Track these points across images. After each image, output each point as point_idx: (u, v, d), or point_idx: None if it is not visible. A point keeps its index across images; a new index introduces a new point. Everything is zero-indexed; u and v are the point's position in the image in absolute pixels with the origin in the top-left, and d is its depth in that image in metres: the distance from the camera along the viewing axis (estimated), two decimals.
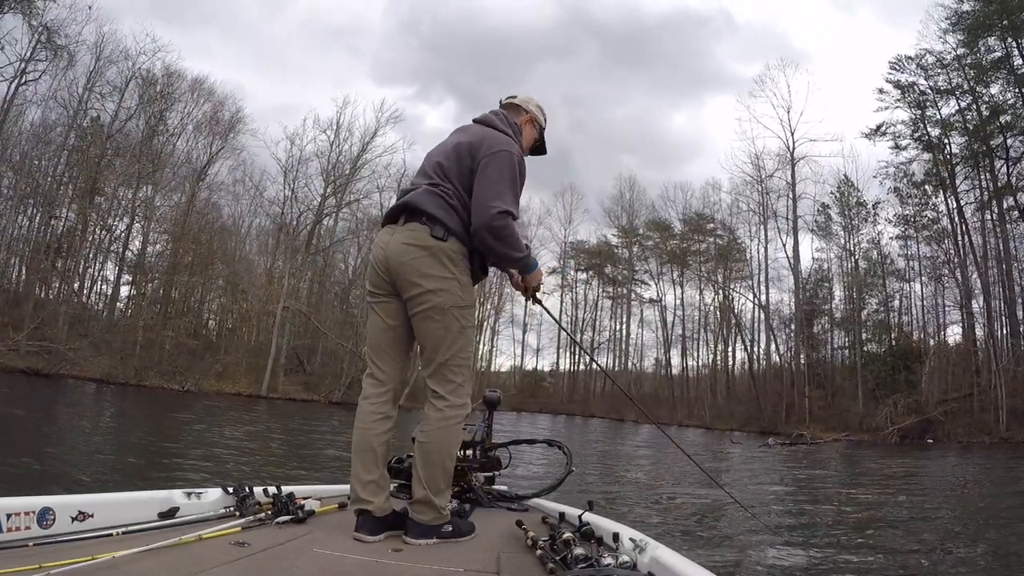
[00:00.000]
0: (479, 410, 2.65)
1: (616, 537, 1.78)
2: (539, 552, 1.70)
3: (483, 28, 59.96)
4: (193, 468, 7.07)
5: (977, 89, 26.41)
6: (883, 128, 29.08)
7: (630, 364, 42.17)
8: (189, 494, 1.96)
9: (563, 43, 60.14)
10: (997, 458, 16.22)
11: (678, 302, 39.74)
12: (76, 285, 27.88)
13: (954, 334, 28.78)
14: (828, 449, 19.89)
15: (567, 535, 1.71)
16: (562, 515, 2.09)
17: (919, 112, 28.34)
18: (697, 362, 39.77)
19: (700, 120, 61.24)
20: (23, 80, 24.94)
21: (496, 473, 2.59)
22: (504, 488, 2.65)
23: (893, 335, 30.07)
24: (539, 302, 2.27)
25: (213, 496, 2.00)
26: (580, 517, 1.97)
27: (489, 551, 1.81)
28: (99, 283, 29.44)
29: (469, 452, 2.34)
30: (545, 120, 2.25)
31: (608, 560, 1.53)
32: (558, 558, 1.61)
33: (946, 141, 27.91)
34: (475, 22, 59.04)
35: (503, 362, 44.87)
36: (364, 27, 53.90)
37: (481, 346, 39.83)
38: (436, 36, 56.68)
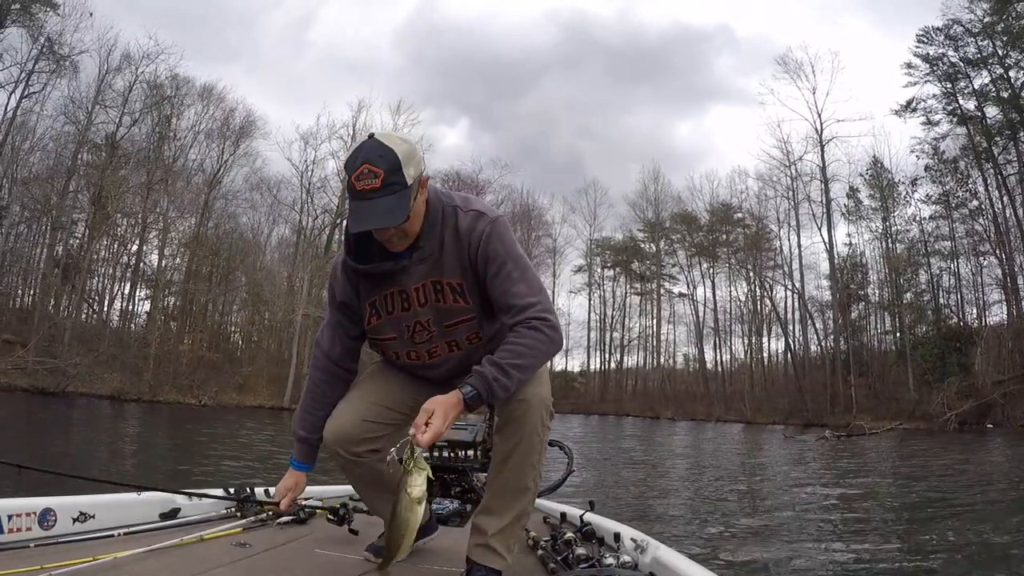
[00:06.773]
0: (482, 411, 2.59)
1: (617, 537, 1.75)
2: (540, 552, 1.68)
3: (487, 50, 61.37)
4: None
5: (1011, 55, 25.17)
6: (914, 104, 28.16)
7: (662, 360, 41.40)
8: (190, 495, 1.95)
9: (567, 60, 61.43)
10: None
11: (709, 295, 38.92)
12: (94, 301, 27.61)
13: (994, 315, 27.53)
14: (889, 439, 18.95)
15: (568, 535, 1.70)
16: (563, 515, 2.07)
17: (950, 85, 27.23)
18: (731, 355, 38.87)
19: (705, 131, 61.84)
20: (27, 92, 24.71)
21: None
22: None
23: (942, 316, 28.71)
24: None
25: (214, 497, 2.00)
26: (581, 517, 1.94)
27: None
28: (118, 298, 28.88)
29: (470, 452, 2.29)
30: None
31: (609, 560, 1.53)
32: (560, 558, 1.60)
33: (984, 112, 26.71)
34: (478, 46, 60.40)
35: None
36: (376, 61, 55.72)
37: None
38: (443, 62, 58.56)
